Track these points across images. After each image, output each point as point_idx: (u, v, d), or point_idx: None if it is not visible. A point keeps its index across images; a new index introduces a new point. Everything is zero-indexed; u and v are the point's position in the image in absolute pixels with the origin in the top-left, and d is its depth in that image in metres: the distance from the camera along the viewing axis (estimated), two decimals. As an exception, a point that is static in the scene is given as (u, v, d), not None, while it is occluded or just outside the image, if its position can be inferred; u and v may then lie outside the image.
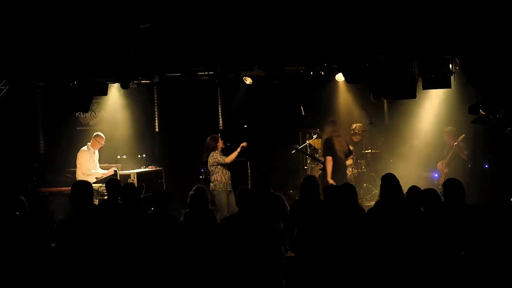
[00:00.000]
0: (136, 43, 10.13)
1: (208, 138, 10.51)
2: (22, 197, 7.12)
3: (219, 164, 10.29)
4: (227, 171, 10.38)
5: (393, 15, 9.24)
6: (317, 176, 11.81)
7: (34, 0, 9.74)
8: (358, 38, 9.52)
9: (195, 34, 9.92)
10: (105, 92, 11.54)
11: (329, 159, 10.34)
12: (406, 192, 7.06)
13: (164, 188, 11.68)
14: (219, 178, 10.29)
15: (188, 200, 7.25)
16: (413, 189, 7.00)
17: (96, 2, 9.69)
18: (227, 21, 9.65)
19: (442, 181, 10.82)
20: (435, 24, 9.14)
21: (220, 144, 10.47)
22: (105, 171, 11.50)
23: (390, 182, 7.44)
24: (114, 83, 11.94)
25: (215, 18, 9.64)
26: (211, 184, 10.28)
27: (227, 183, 10.32)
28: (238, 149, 10.39)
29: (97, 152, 11.66)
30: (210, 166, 10.37)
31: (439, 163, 11.21)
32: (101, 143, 11.61)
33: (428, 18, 9.13)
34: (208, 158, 10.39)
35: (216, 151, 10.38)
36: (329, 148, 10.45)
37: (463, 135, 10.82)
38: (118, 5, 9.73)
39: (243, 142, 10.48)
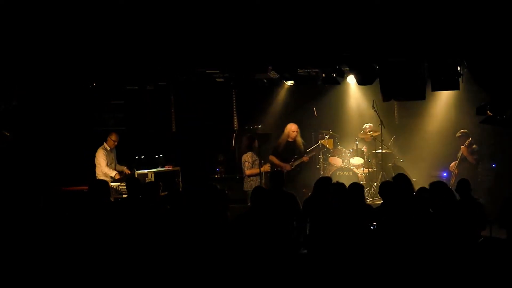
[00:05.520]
0: (153, 46, 10.36)
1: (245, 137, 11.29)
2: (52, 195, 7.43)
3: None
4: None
5: (402, 18, 9.33)
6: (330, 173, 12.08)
7: (53, 5, 9.99)
8: (369, 41, 9.66)
9: (210, 37, 10.07)
10: (123, 94, 11.81)
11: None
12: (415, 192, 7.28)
13: (181, 188, 11.91)
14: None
15: (202, 198, 7.50)
16: (422, 190, 7.21)
17: (114, 7, 9.91)
18: (242, 25, 9.78)
19: (452, 181, 11.04)
20: (443, 28, 9.30)
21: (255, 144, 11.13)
22: (120, 170, 11.77)
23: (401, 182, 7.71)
24: (132, 85, 12.19)
25: (230, 21, 9.77)
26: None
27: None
28: (260, 169, 10.95)
29: (114, 151, 11.88)
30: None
31: (452, 164, 11.39)
32: (116, 141, 11.80)
33: (436, 21, 9.27)
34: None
35: (250, 153, 11.06)
36: None
37: (469, 139, 11.01)
38: (136, 9, 9.94)
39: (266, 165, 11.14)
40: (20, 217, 7.35)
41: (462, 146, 11.06)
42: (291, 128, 11.88)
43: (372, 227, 7.23)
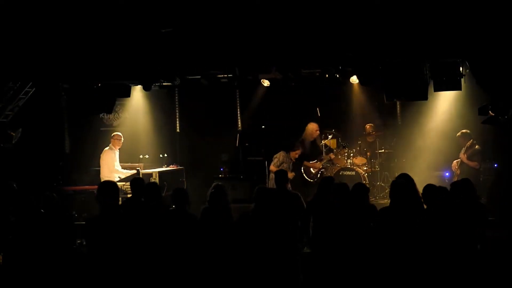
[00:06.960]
0: (157, 47, 10.44)
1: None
2: (54, 194, 7.50)
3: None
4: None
5: (405, 20, 9.40)
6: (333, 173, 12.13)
7: (59, 5, 10.06)
8: (372, 42, 9.72)
9: (215, 38, 10.17)
10: (128, 94, 11.84)
11: None
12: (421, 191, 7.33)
13: (185, 187, 11.92)
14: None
15: (208, 197, 7.52)
16: (429, 187, 7.26)
17: (119, 7, 9.98)
18: (246, 26, 9.89)
19: (455, 180, 11.08)
20: (445, 28, 9.33)
21: (293, 154, 11.13)
22: (128, 171, 11.77)
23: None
24: (137, 85, 12.21)
25: (234, 22, 9.88)
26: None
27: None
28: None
29: (117, 151, 11.94)
30: None
31: (454, 162, 11.43)
32: (121, 141, 11.88)
33: (438, 22, 9.32)
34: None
35: (285, 153, 11.06)
36: None
37: (471, 140, 11.07)
38: (141, 10, 10.02)
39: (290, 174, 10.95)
40: (21, 216, 7.39)
41: (461, 154, 11.15)
42: (313, 127, 11.90)
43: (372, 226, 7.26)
